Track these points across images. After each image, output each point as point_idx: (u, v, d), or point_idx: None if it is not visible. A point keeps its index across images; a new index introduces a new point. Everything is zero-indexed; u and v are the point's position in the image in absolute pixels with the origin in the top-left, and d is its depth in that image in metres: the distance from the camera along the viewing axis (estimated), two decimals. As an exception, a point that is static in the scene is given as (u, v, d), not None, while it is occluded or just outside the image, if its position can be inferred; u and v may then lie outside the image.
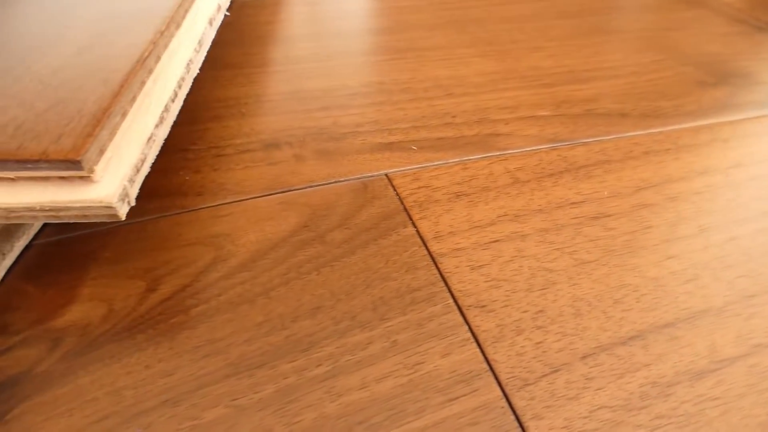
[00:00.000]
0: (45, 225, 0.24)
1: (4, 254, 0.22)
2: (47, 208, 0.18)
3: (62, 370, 0.19)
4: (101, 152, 0.19)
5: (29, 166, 0.18)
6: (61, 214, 0.18)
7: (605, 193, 0.30)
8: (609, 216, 0.28)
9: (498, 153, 0.32)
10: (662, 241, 0.26)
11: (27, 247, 0.23)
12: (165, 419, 0.18)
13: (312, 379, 0.19)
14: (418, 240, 0.25)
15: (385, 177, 0.30)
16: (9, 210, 0.18)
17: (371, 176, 0.30)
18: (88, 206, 0.18)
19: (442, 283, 0.23)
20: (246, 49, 0.42)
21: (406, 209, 0.27)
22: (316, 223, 0.26)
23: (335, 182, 0.29)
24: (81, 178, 0.18)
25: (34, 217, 0.18)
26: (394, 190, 0.29)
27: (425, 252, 0.25)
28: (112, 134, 0.20)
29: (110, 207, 0.18)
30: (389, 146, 0.32)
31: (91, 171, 0.18)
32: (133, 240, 0.24)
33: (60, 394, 0.18)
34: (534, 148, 0.33)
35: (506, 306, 0.23)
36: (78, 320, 0.21)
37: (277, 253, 0.24)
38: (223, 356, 0.20)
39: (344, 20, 0.49)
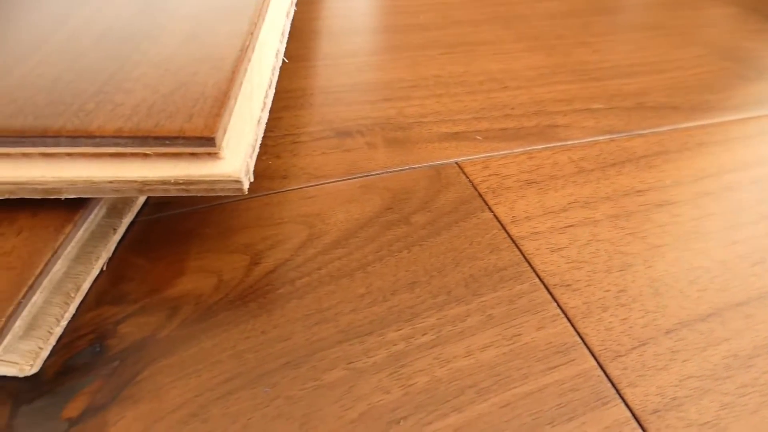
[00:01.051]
0: (144, 204, 0.26)
1: (114, 229, 0.23)
2: (180, 182, 0.19)
3: (184, 336, 0.20)
4: (224, 132, 0.20)
5: (167, 142, 0.19)
6: (191, 187, 0.20)
7: (667, 182, 0.31)
8: (673, 203, 0.29)
9: (559, 143, 0.33)
10: (726, 227, 0.28)
11: (131, 224, 0.24)
12: (288, 380, 0.19)
13: (419, 346, 0.20)
14: (497, 224, 0.27)
15: (455, 165, 0.31)
16: (145, 183, 0.19)
17: (442, 163, 0.31)
18: (218, 180, 0.19)
19: (526, 264, 0.24)
20: (304, 43, 0.44)
21: (480, 195, 0.28)
22: (399, 205, 0.27)
23: (409, 168, 0.30)
24: (209, 154, 0.20)
25: (166, 190, 0.20)
26: (466, 177, 0.30)
27: (505, 235, 0.26)
28: (230, 116, 0.21)
29: (238, 181, 0.19)
30: (455, 136, 0.33)
31: (220, 148, 0.19)
32: (230, 218, 0.26)
33: (185, 357, 0.19)
34: (593, 139, 0.34)
35: (589, 285, 0.24)
36: (191, 290, 0.22)
37: (366, 232, 0.25)
38: (332, 324, 0.21)
39: (392, 15, 0.50)
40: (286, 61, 0.25)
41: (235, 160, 0.20)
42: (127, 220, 0.24)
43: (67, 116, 0.19)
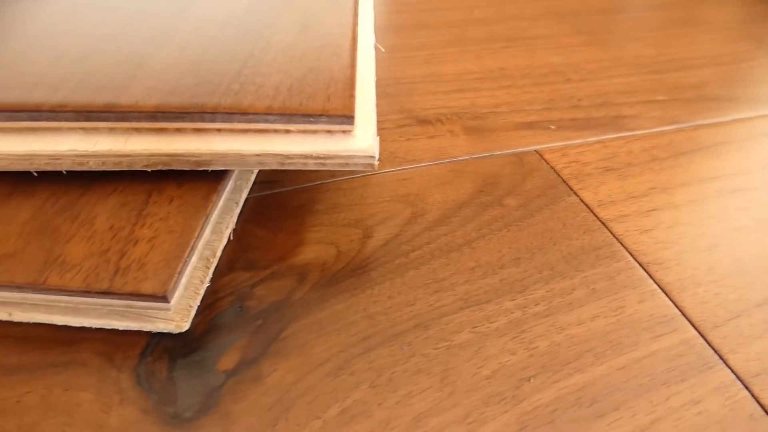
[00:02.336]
0: (252, 183, 0.27)
1: (236, 203, 0.25)
2: (320, 156, 0.21)
3: (316, 299, 0.22)
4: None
5: (311, 120, 0.21)
6: (328, 161, 0.21)
7: (737, 169, 0.32)
8: (746, 189, 0.30)
9: (629, 133, 0.35)
10: (801, 214, 0.29)
11: (245, 201, 0.26)
12: (421, 340, 0.21)
13: (534, 315, 0.22)
14: (585, 207, 0.28)
15: (535, 152, 0.32)
16: (287, 156, 0.21)
17: (522, 151, 0.32)
18: (353, 155, 0.21)
19: (618, 244, 0.26)
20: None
21: (564, 181, 0.30)
22: (489, 189, 0.29)
23: (492, 155, 0.32)
24: (344, 132, 0.21)
25: (305, 164, 0.21)
26: (547, 163, 0.31)
27: (594, 217, 0.27)
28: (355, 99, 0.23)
29: (372, 156, 0.21)
30: (529, 125, 0.35)
31: (354, 126, 0.21)
32: (335, 197, 0.27)
33: (322, 318, 0.21)
34: (660, 129, 0.36)
35: (679, 264, 0.25)
36: (314, 259, 0.24)
37: (464, 212, 0.27)
38: (451, 292, 0.23)
39: (448, 11, 0.52)
40: (383, 50, 0.26)
41: (365, 138, 0.22)
42: (244, 196, 0.26)
43: (218, 95, 0.21)
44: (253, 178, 0.27)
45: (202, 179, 0.22)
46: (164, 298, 0.17)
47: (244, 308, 0.21)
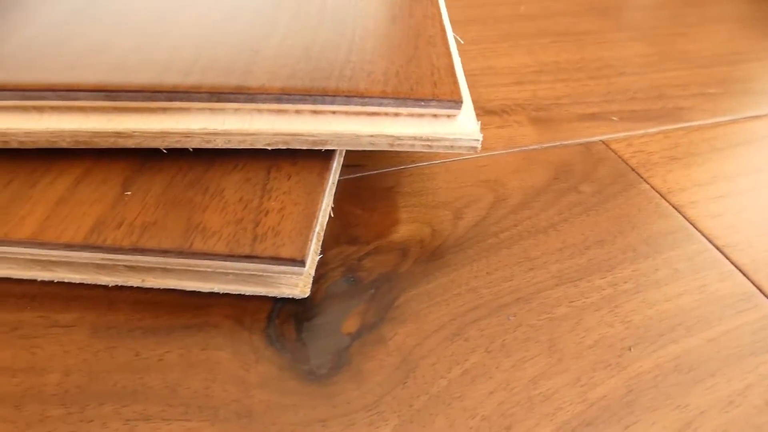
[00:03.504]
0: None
1: (333, 183, 0.26)
2: (429, 138, 0.22)
3: (420, 272, 0.23)
4: (460, 97, 0.23)
5: (422, 103, 0.22)
6: (434, 144, 0.23)
7: (797, 162, 0.33)
8: (807, 182, 0.32)
9: (687, 124, 0.36)
10: None
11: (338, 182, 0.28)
12: (524, 312, 0.22)
13: (625, 291, 0.23)
14: (656, 194, 0.29)
15: (601, 142, 0.34)
16: (398, 138, 0.23)
17: (588, 141, 0.34)
18: (459, 138, 0.23)
19: (692, 228, 0.27)
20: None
21: (633, 169, 0.31)
22: (564, 176, 0.30)
23: (560, 145, 0.33)
24: (448, 116, 0.23)
25: (412, 145, 0.23)
26: (614, 153, 0.33)
27: (667, 203, 0.29)
28: (457, 84, 0.24)
29: (477, 140, 0.23)
30: (591, 116, 0.36)
31: (461, 110, 0.23)
32: (420, 180, 0.29)
33: (429, 289, 0.23)
34: (715, 120, 0.37)
35: (751, 246, 0.27)
36: (411, 237, 0.25)
37: (544, 197, 0.28)
38: (544, 270, 0.24)
39: (494, 6, 0.53)
40: (461, 41, 0.28)
41: (469, 121, 0.23)
42: (337, 177, 0.27)
43: (335, 80, 0.22)
44: (341, 161, 0.29)
45: (312, 158, 0.24)
46: (302, 263, 0.19)
47: (355, 278, 0.23)
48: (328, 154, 0.24)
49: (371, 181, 0.28)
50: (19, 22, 0.25)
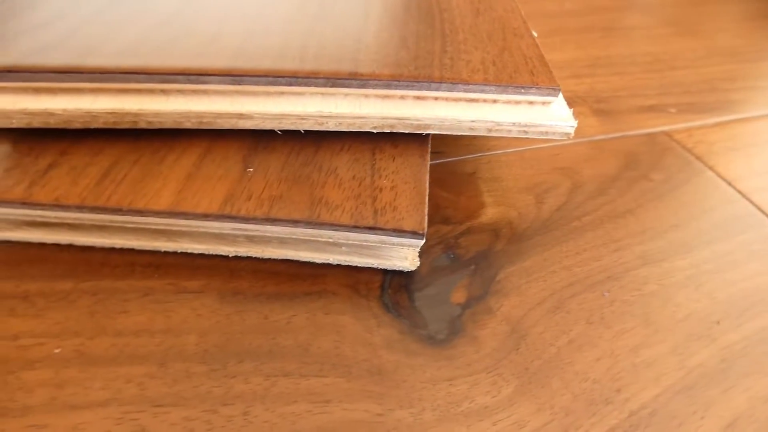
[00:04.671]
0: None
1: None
2: (526, 124, 0.24)
3: (514, 251, 0.25)
4: (554, 85, 0.25)
5: (521, 91, 0.24)
6: (531, 129, 0.24)
7: None
8: None
9: (742, 116, 0.38)
10: None
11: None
12: (616, 288, 0.23)
13: (706, 271, 0.25)
14: (722, 181, 0.31)
15: (663, 133, 0.35)
16: (497, 124, 0.24)
17: (651, 132, 0.35)
18: (555, 124, 0.24)
19: (761, 213, 0.29)
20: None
21: (698, 158, 0.33)
22: (633, 165, 0.31)
23: (624, 135, 0.34)
24: (543, 103, 0.24)
25: (509, 131, 0.24)
26: (677, 143, 0.34)
27: (734, 190, 0.30)
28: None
29: (571, 126, 0.24)
30: (650, 108, 0.38)
31: (557, 98, 0.24)
32: (498, 167, 0.30)
33: (525, 266, 0.24)
34: (769, 115, 0.38)
35: (819, 233, 0.28)
36: (500, 219, 0.27)
37: (617, 184, 0.30)
38: (629, 251, 0.25)
39: (538, 2, 0.54)
40: (535, 35, 0.29)
41: (561, 108, 0.25)
42: (422, 162, 0.29)
43: (438, 68, 0.24)
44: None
45: (409, 142, 0.25)
46: (422, 235, 0.20)
47: (455, 255, 0.24)
48: (424, 138, 0.25)
49: (452, 167, 0.30)
50: (137, 11, 0.27)
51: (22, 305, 0.21)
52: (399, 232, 0.21)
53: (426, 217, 0.21)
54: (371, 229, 0.21)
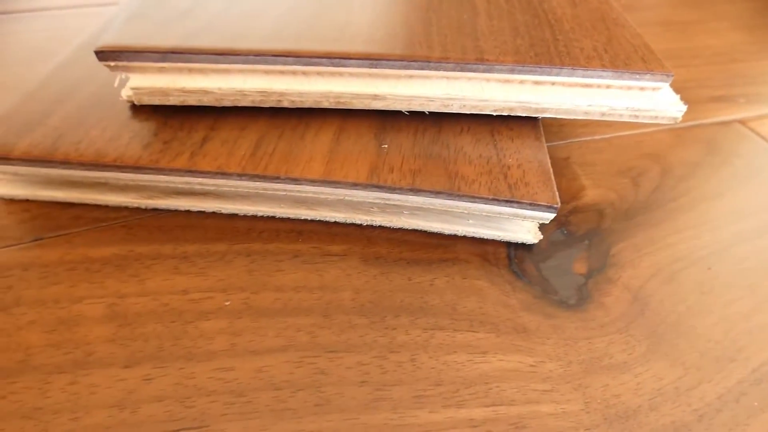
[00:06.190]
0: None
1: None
2: (638, 109, 0.26)
3: (621, 229, 0.27)
4: (661, 73, 0.26)
5: (636, 76, 0.25)
6: (642, 114, 0.26)
7: None
8: None
9: (810, 110, 0.39)
10: None
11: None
12: (719, 264, 0.25)
13: (800, 249, 0.27)
14: (801, 168, 0.32)
15: (736, 122, 0.37)
16: (612, 108, 0.26)
17: (725, 120, 0.37)
18: (665, 109, 0.26)
19: (842, 199, 0.30)
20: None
21: (774, 146, 0.34)
22: (715, 151, 0.33)
23: (700, 124, 0.36)
24: (653, 89, 0.26)
25: (620, 116, 0.26)
26: (753, 131, 0.36)
27: (813, 177, 0.32)
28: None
29: (680, 110, 0.26)
30: (719, 99, 0.39)
31: (668, 83, 0.26)
32: (590, 152, 0.32)
33: (634, 243, 0.26)
34: (834, 108, 0.40)
35: None
36: (601, 200, 0.28)
37: (703, 169, 0.32)
38: (725, 230, 0.27)
39: None
40: None
41: (669, 94, 0.26)
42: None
43: (555, 54, 0.26)
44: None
45: (522, 125, 0.27)
46: (555, 209, 0.22)
47: (568, 232, 0.26)
48: (536, 121, 0.27)
49: (549, 151, 0.32)
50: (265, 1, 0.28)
51: (183, 264, 0.23)
52: (534, 205, 0.22)
53: (557, 192, 0.23)
54: (508, 202, 0.22)
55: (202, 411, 0.18)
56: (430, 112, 0.26)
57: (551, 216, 0.23)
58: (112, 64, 0.23)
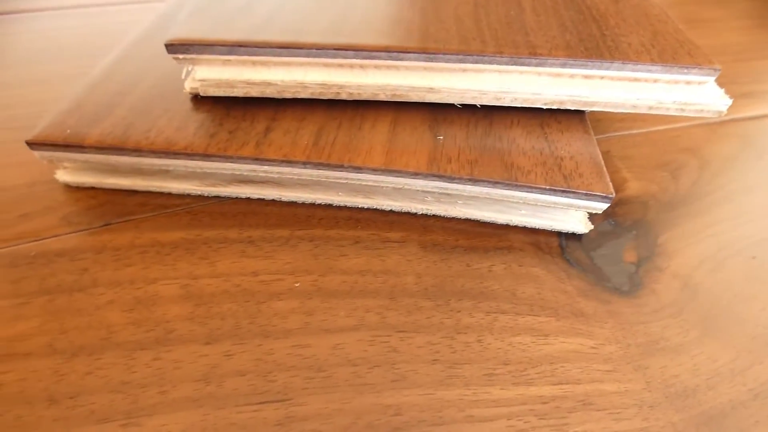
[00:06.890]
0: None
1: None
2: (685, 103, 0.26)
3: (666, 220, 0.27)
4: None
5: (684, 70, 0.26)
6: (688, 107, 0.27)
7: None
8: None
9: (839, 108, 0.40)
10: None
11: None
12: (762, 253, 0.26)
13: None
14: (834, 163, 0.33)
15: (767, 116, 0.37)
16: (660, 102, 0.27)
17: (756, 115, 0.37)
18: (710, 103, 0.27)
19: None
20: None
21: (807, 141, 0.35)
22: (749, 146, 0.34)
23: (732, 119, 0.37)
24: (699, 83, 0.27)
25: (667, 110, 0.27)
26: (783, 128, 0.36)
27: None
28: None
29: (726, 104, 0.27)
30: (749, 94, 0.40)
31: (714, 77, 0.26)
32: (629, 146, 0.33)
33: (679, 233, 0.27)
34: None
35: None
36: (644, 192, 0.29)
37: (740, 163, 0.32)
38: (764, 221, 0.28)
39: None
40: None
41: (714, 88, 0.27)
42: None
43: (604, 49, 0.26)
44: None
45: (569, 118, 0.28)
46: (610, 199, 0.23)
47: (615, 222, 0.27)
48: (583, 115, 0.28)
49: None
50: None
51: (250, 248, 0.24)
52: (590, 195, 0.23)
53: (611, 183, 0.24)
54: (564, 192, 0.23)
55: (284, 384, 0.19)
56: (481, 105, 0.27)
57: (605, 206, 0.24)
58: (181, 56, 0.24)
